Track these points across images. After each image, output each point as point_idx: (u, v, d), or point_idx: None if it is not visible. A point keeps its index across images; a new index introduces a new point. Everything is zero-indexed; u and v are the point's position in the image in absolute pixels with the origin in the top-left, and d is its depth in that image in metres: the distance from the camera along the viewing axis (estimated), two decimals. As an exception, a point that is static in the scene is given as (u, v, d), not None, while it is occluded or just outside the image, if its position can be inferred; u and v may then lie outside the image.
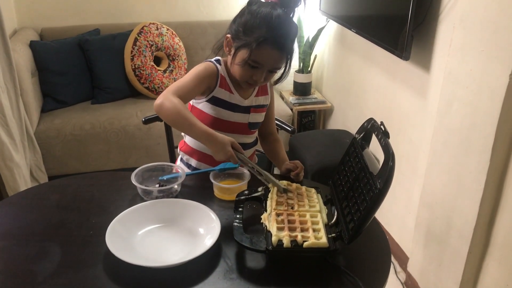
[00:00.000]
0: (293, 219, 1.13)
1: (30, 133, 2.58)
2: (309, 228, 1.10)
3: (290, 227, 1.10)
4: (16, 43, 2.71)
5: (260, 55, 1.37)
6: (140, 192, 1.33)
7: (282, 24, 1.36)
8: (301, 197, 1.23)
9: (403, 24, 1.99)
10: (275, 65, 1.41)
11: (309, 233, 1.08)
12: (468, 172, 1.67)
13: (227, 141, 1.29)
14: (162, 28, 3.14)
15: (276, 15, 1.35)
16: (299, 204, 1.19)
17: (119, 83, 3.07)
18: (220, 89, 1.49)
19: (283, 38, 1.36)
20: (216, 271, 1.06)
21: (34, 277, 1.04)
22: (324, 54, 3.37)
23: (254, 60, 1.38)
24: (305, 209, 1.17)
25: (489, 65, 1.54)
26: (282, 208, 1.16)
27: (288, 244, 1.05)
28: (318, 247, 1.05)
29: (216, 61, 1.52)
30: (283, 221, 1.11)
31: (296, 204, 1.19)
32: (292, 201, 1.20)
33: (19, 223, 1.24)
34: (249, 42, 1.36)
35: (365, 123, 1.19)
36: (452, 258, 1.81)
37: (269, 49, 1.36)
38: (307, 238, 1.07)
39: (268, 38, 1.34)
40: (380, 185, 0.97)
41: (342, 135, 2.90)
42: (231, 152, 1.28)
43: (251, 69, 1.41)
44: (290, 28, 1.39)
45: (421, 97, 2.13)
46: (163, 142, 1.97)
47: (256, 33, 1.35)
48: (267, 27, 1.34)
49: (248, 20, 1.38)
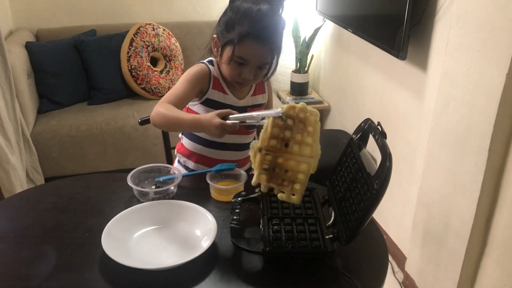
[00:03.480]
0: (280, 162, 1.07)
1: (26, 134, 2.57)
2: (289, 179, 1.06)
3: (272, 173, 1.06)
4: (12, 44, 2.70)
5: (244, 50, 1.35)
6: (136, 194, 1.32)
7: (264, 17, 1.33)
8: (300, 129, 1.08)
9: (400, 23, 1.99)
10: (261, 60, 1.38)
11: (287, 187, 1.05)
12: (465, 172, 1.67)
13: (211, 117, 1.27)
14: (159, 29, 3.13)
15: (258, 9, 1.33)
16: (294, 140, 1.08)
17: (116, 84, 3.06)
18: (213, 90, 1.49)
19: (265, 32, 1.34)
20: (213, 273, 1.06)
21: (29, 280, 1.03)
22: (321, 54, 3.37)
23: (238, 56, 1.37)
24: (297, 152, 1.08)
25: (486, 65, 1.53)
26: (273, 145, 1.07)
27: (265, 190, 1.06)
28: (312, 251, 1.05)
29: (209, 62, 1.51)
30: (269, 162, 1.06)
31: (292, 139, 1.08)
32: (288, 134, 1.08)
33: (15, 226, 1.23)
34: (232, 38, 1.35)
35: (362, 124, 1.19)
36: (449, 258, 1.81)
37: (251, 43, 1.34)
38: (283, 189, 1.05)
39: (250, 32, 1.33)
40: (377, 185, 0.96)
41: (339, 135, 2.90)
42: (221, 123, 1.24)
43: (238, 67, 1.39)
44: (274, 21, 1.36)
45: (418, 97, 2.13)
46: (160, 143, 1.96)
47: (237, 28, 1.34)
48: (248, 21, 1.33)
49: (229, 17, 1.37)
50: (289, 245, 1.08)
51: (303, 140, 1.08)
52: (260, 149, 1.08)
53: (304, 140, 1.08)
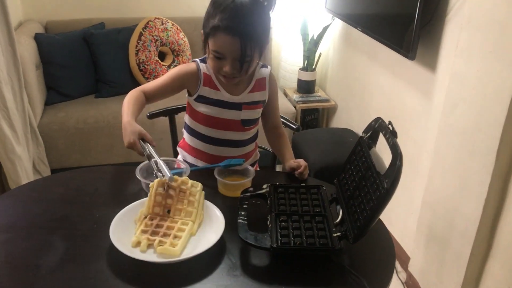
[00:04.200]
0: (161, 224, 1.14)
1: (33, 125, 2.58)
2: (171, 234, 1.10)
3: (154, 231, 1.12)
4: (21, 35, 2.71)
5: (216, 43, 1.34)
6: (145, 187, 1.33)
7: (239, 10, 1.30)
8: (182, 197, 1.19)
9: (410, 23, 1.99)
10: (236, 53, 1.34)
11: (168, 240, 1.09)
12: (472, 174, 1.67)
13: (135, 131, 1.32)
14: (167, 23, 3.13)
15: (232, 0, 1.31)
16: (176, 208, 1.17)
17: (123, 77, 3.06)
18: (204, 87, 1.49)
19: (236, 23, 1.30)
20: (220, 268, 1.06)
21: (37, 270, 1.03)
22: (329, 52, 3.36)
23: (213, 50, 1.36)
24: (179, 217, 1.17)
25: (496, 66, 1.53)
26: (157, 212, 1.16)
27: (144, 248, 1.07)
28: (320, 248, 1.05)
29: (203, 59, 1.51)
30: (151, 225, 1.13)
31: (174, 206, 1.17)
32: (170, 202, 1.17)
33: (23, 216, 1.24)
34: (208, 32, 1.35)
35: (373, 122, 1.18)
36: (454, 259, 1.81)
37: (222, 35, 1.32)
38: (163, 243, 1.08)
39: (220, 25, 1.30)
40: (387, 185, 0.96)
41: (345, 134, 2.90)
42: (134, 141, 1.29)
43: (218, 61, 1.38)
44: (249, 13, 1.32)
45: (426, 97, 2.12)
46: (167, 137, 1.97)
47: (211, 22, 1.33)
48: (220, 14, 1.31)
49: (207, 11, 1.36)
50: (297, 241, 1.08)
51: (184, 208, 1.17)
52: (146, 216, 1.16)
53: (185, 208, 1.17)
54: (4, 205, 1.29)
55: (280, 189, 1.28)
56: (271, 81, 1.59)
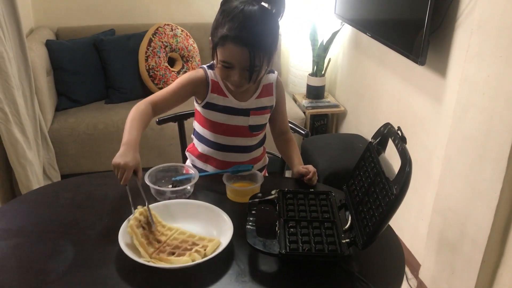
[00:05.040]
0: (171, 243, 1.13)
1: (44, 131, 2.60)
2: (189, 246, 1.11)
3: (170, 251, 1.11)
4: (32, 42, 2.74)
5: (225, 53, 1.33)
6: (153, 193, 1.33)
7: (247, 19, 1.28)
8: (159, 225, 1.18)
9: (420, 28, 1.98)
10: (244, 63, 1.32)
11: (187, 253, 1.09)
12: (483, 180, 1.65)
13: (137, 160, 1.27)
14: (177, 29, 3.14)
15: (241, 9, 1.28)
16: (162, 233, 1.16)
17: (133, 83, 3.08)
18: (212, 94, 1.48)
19: (245, 33, 1.28)
20: (228, 274, 1.06)
21: (46, 275, 1.04)
22: (338, 58, 3.36)
23: (221, 60, 1.35)
24: (171, 232, 1.16)
25: (507, 71, 1.52)
26: (154, 248, 1.12)
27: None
28: (329, 254, 1.04)
29: (210, 66, 1.50)
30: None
31: (161, 234, 1.16)
32: (158, 235, 1.15)
33: (33, 221, 1.24)
34: (216, 42, 1.34)
35: (382, 128, 1.18)
36: (465, 266, 1.79)
37: (231, 45, 1.30)
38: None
39: (229, 35, 1.29)
40: (396, 190, 0.96)
41: (355, 139, 2.88)
42: (130, 168, 1.23)
43: (225, 70, 1.37)
44: (258, 23, 1.30)
45: (436, 103, 2.11)
46: (176, 143, 1.97)
47: (220, 31, 1.31)
48: (228, 23, 1.29)
49: (216, 20, 1.35)
50: (305, 248, 1.08)
51: (166, 226, 1.19)
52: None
53: (160, 230, 1.17)
54: (14, 210, 1.30)
55: (288, 195, 1.27)
56: (278, 86, 1.58)
